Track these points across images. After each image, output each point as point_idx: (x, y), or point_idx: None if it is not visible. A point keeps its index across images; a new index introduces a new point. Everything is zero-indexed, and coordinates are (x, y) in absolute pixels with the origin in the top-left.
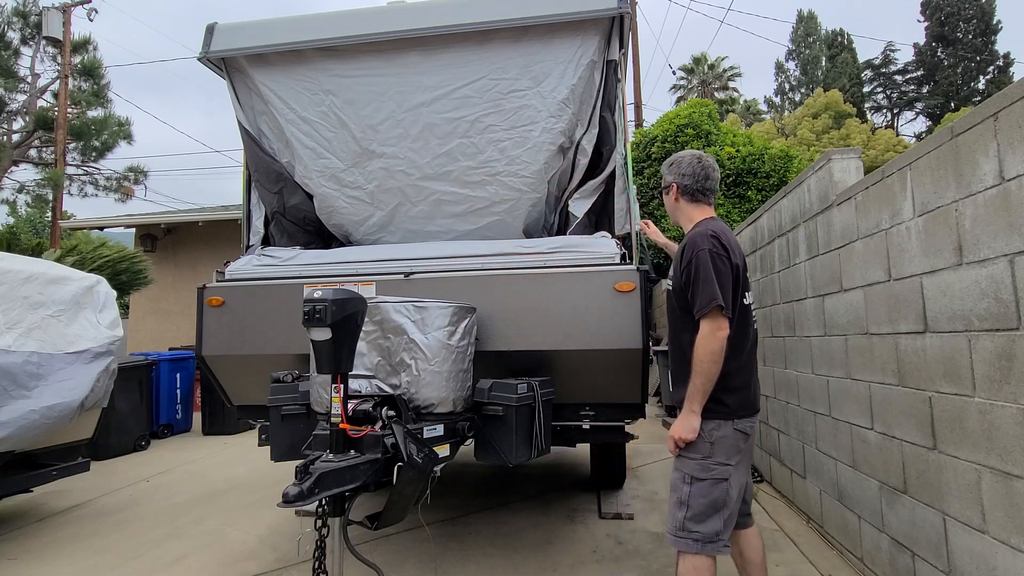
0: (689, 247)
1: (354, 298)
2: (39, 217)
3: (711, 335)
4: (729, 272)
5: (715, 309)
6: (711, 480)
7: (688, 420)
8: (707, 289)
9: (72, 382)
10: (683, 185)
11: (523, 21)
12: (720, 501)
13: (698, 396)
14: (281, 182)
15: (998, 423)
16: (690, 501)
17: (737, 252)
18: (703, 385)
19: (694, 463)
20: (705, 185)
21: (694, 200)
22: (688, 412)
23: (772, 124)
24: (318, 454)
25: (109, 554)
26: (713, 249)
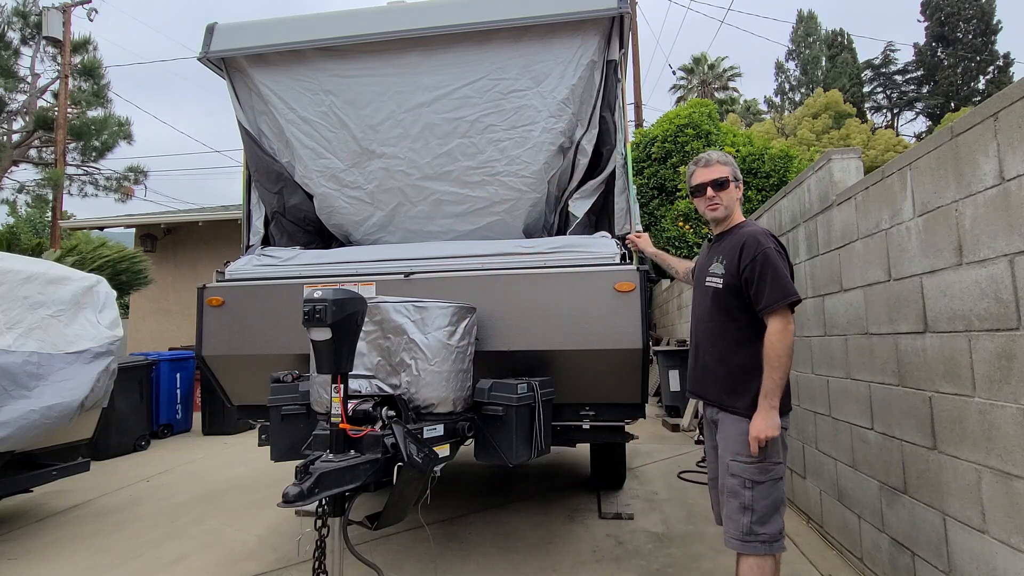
0: (752, 244)
1: (354, 298)
2: (39, 217)
3: (784, 330)
4: (788, 269)
5: (783, 307)
6: (771, 481)
7: (771, 416)
8: (779, 285)
9: (72, 382)
10: (738, 181)
11: (523, 21)
12: (780, 499)
13: (777, 391)
14: (281, 182)
15: (998, 423)
16: (754, 505)
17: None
18: (781, 380)
19: (752, 467)
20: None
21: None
22: (769, 408)
23: (772, 124)
24: (318, 454)
25: (109, 554)
26: (777, 248)
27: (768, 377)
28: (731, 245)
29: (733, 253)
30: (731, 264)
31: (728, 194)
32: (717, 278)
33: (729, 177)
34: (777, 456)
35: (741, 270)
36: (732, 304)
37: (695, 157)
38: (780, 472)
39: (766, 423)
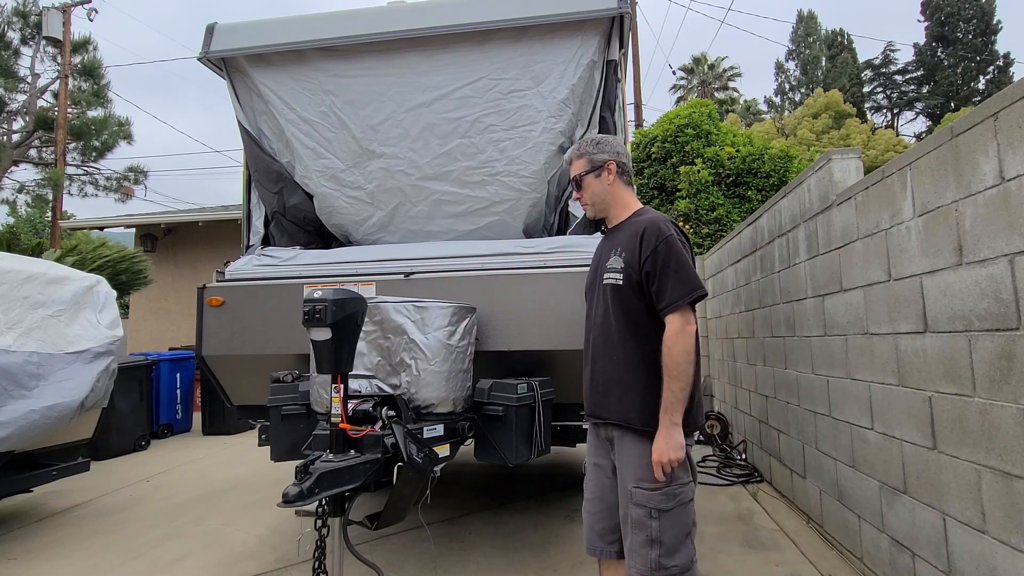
0: (652, 232)
1: (354, 298)
2: (39, 217)
3: (683, 331)
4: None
5: (683, 303)
6: (679, 506)
7: (673, 436)
8: (683, 278)
9: (72, 382)
10: (621, 163)
11: (523, 21)
12: (689, 524)
13: (679, 405)
14: (281, 182)
15: (998, 423)
16: (662, 537)
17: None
18: (683, 391)
19: (658, 494)
20: (632, 167)
21: (629, 183)
22: (671, 426)
23: (772, 124)
24: (318, 454)
25: (109, 554)
26: (679, 236)
27: (667, 389)
28: (629, 234)
29: (633, 244)
30: (631, 256)
31: (591, 188)
32: (617, 273)
33: (583, 172)
34: (684, 477)
35: (642, 262)
36: (635, 305)
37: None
38: (688, 494)
39: (668, 444)
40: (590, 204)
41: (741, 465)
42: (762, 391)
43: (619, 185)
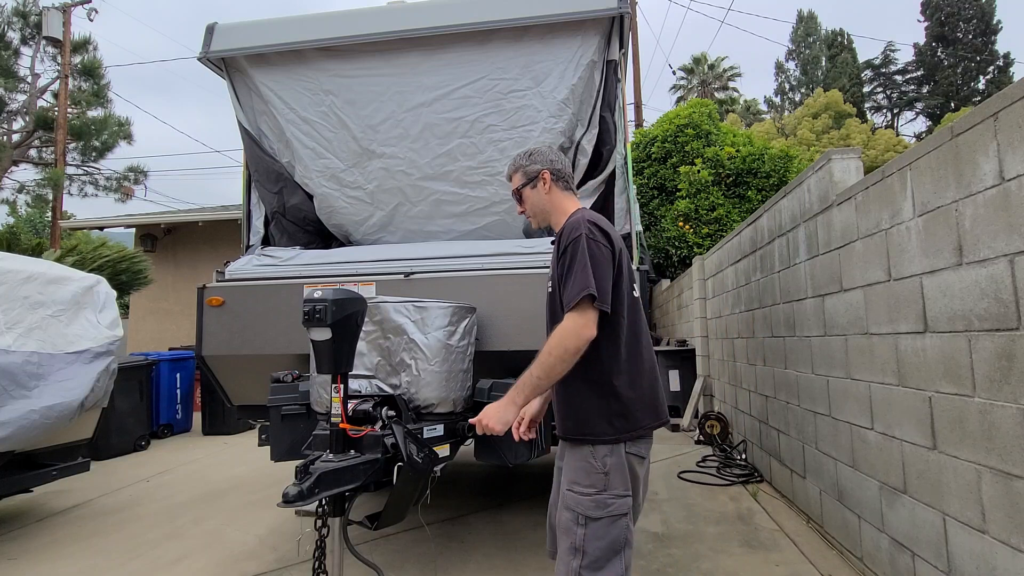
0: (565, 235)
1: (354, 298)
2: (39, 217)
3: (574, 331)
4: (609, 261)
5: (585, 300)
6: (608, 518)
7: (505, 411)
8: (580, 277)
9: (72, 382)
10: (556, 170)
11: (523, 21)
12: (620, 542)
13: (527, 391)
14: (281, 182)
15: (998, 423)
16: (585, 546)
17: (618, 240)
18: (539, 381)
19: (588, 500)
20: (571, 171)
21: (568, 188)
22: (509, 403)
23: (772, 124)
24: (318, 454)
25: (109, 554)
26: (589, 235)
27: (528, 370)
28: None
29: (556, 248)
30: (553, 260)
31: (530, 200)
32: (549, 281)
33: (520, 185)
34: (620, 488)
35: (560, 264)
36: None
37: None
38: (622, 508)
39: (495, 412)
40: (532, 215)
41: (741, 465)
42: (762, 391)
43: (556, 192)
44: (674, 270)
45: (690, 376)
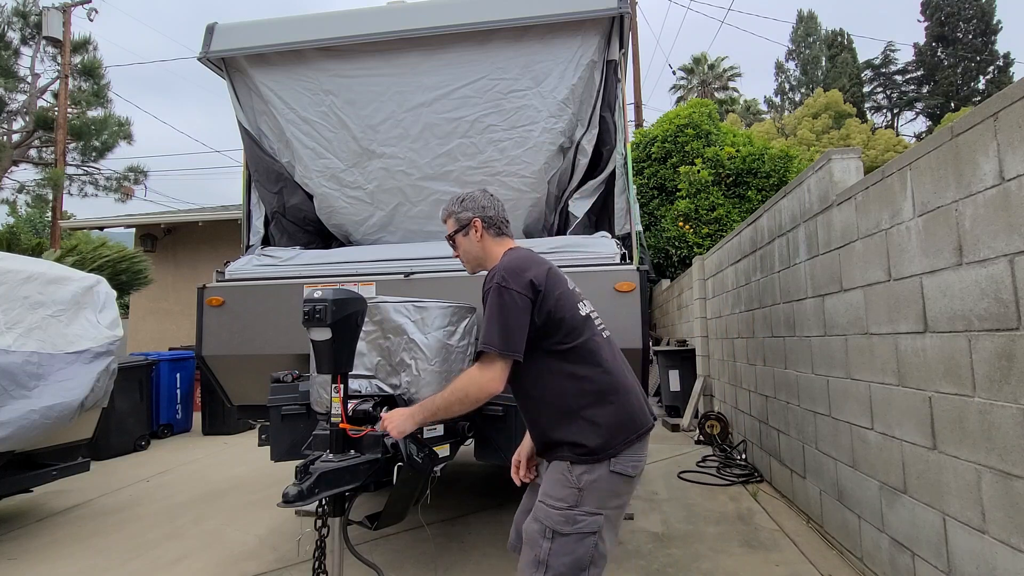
0: (487, 280)
1: (354, 298)
2: (39, 217)
3: (478, 383)
4: (524, 306)
5: (492, 354)
6: (577, 535)
7: (404, 423)
8: (487, 329)
9: (72, 382)
10: (487, 218)
11: (523, 21)
12: (586, 560)
13: (427, 414)
14: (281, 182)
15: (998, 423)
16: (550, 560)
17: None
18: (437, 412)
19: (557, 513)
20: (504, 216)
21: (499, 234)
22: (410, 416)
23: (772, 124)
24: (318, 454)
25: (109, 554)
26: (502, 282)
27: (435, 396)
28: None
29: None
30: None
31: (462, 246)
32: None
33: (452, 231)
34: (591, 506)
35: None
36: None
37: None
38: (591, 526)
39: (399, 422)
40: (465, 261)
41: (741, 465)
42: (762, 391)
43: (487, 239)
44: (674, 270)
45: (690, 376)
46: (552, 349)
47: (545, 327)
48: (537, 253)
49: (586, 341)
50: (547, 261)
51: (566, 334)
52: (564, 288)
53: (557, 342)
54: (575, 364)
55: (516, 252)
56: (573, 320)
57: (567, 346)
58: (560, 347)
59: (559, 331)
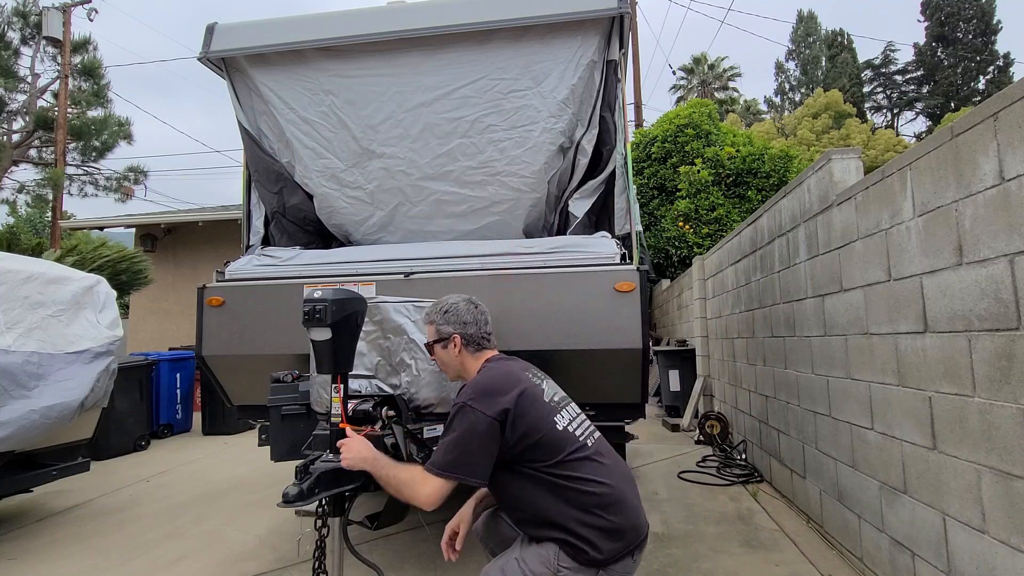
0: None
1: (354, 298)
2: (39, 217)
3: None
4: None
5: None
6: None
7: (360, 461)
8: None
9: (72, 382)
10: (467, 335)
11: (523, 21)
12: None
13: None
14: (281, 182)
15: (998, 423)
16: None
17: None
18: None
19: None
20: (486, 331)
21: (479, 348)
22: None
23: (772, 124)
24: (318, 454)
25: (109, 554)
26: (470, 402)
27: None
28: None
29: None
30: None
31: (440, 357)
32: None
33: (432, 340)
34: None
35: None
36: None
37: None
38: None
39: (355, 457)
40: (444, 370)
41: (741, 465)
42: (762, 391)
43: (465, 355)
44: (674, 270)
45: (690, 376)
46: (532, 468)
47: (521, 449)
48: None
49: (567, 457)
50: (522, 378)
51: (544, 453)
52: (539, 407)
53: (536, 460)
54: (558, 480)
55: (492, 370)
56: (551, 438)
57: (547, 463)
58: (540, 465)
59: (536, 451)
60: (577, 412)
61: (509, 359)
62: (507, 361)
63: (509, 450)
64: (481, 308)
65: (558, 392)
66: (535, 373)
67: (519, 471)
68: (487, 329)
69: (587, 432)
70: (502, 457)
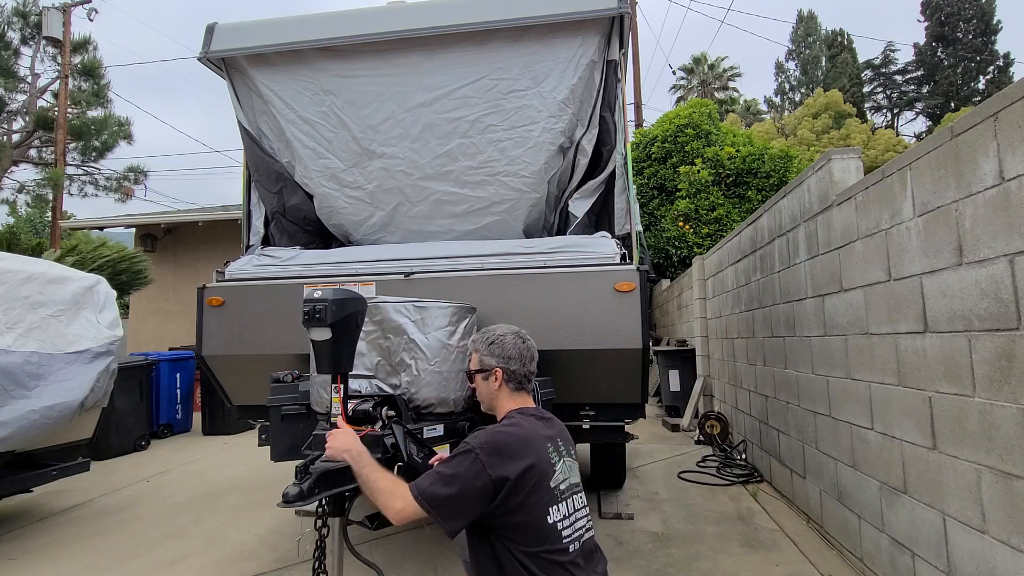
0: (470, 436)
1: (354, 298)
2: (39, 217)
3: (392, 503)
4: (477, 485)
5: (414, 492)
6: None
7: (340, 450)
8: (432, 472)
9: (72, 382)
10: (509, 371)
11: (523, 21)
12: None
13: (361, 467)
14: (281, 182)
15: (998, 423)
16: None
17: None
18: (363, 479)
19: None
20: (529, 370)
21: (518, 388)
22: (351, 453)
23: (772, 124)
24: (318, 454)
25: (109, 554)
26: (478, 451)
27: (375, 469)
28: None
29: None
30: None
31: (480, 387)
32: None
33: (474, 370)
34: None
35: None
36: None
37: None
38: None
39: (342, 443)
40: (479, 399)
41: (741, 465)
42: (762, 391)
43: (504, 392)
44: (674, 270)
45: (690, 376)
46: (506, 542)
47: (503, 522)
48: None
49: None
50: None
51: (523, 537)
52: (540, 490)
53: (512, 540)
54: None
55: (515, 426)
56: (536, 528)
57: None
58: (513, 545)
59: (516, 531)
60: (578, 507)
61: (540, 418)
62: (536, 421)
63: (492, 515)
64: (529, 344)
65: (570, 478)
66: (557, 446)
67: (493, 540)
68: (531, 368)
69: (576, 533)
70: (483, 519)
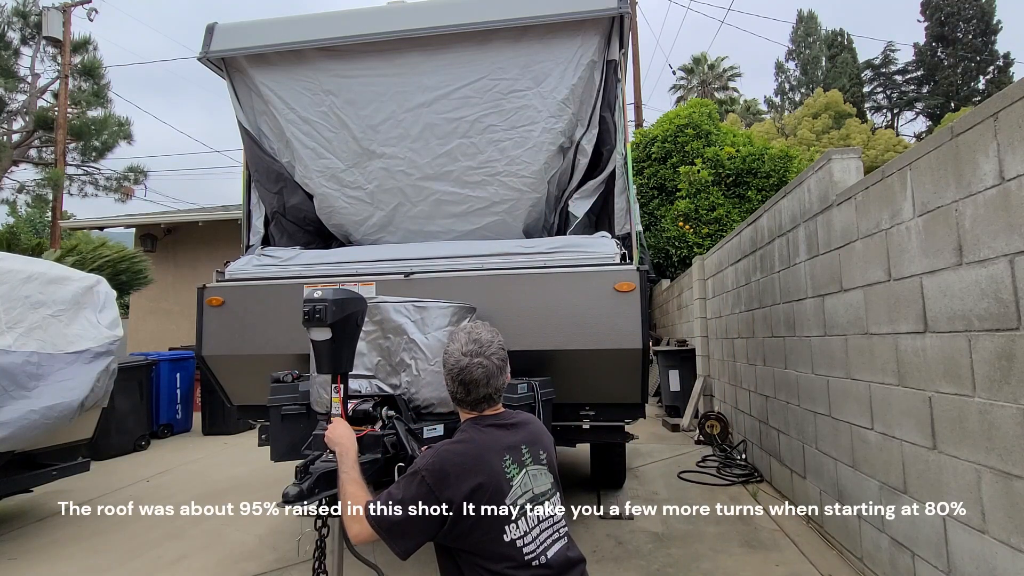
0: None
1: (354, 298)
2: (39, 217)
3: (353, 526)
4: (423, 510)
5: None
6: None
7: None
8: (385, 493)
9: (72, 382)
10: (456, 399)
11: (523, 21)
12: None
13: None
14: (281, 182)
15: (998, 423)
16: None
17: (472, 481)
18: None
19: None
20: (482, 393)
21: (475, 409)
22: (344, 451)
23: (772, 124)
24: (318, 454)
25: (109, 554)
26: (423, 472)
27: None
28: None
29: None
30: None
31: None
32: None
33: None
34: None
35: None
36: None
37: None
38: None
39: (338, 434)
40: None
41: (741, 465)
42: (762, 391)
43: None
44: (674, 270)
45: (690, 376)
46: (476, 560)
47: (461, 541)
48: (492, 444)
49: (503, 570)
50: (489, 467)
51: (482, 552)
52: (496, 506)
53: (477, 555)
54: None
55: (464, 443)
56: (492, 548)
57: (489, 568)
58: (478, 559)
59: (476, 548)
60: (543, 518)
61: (502, 425)
62: (496, 431)
63: (446, 536)
64: (487, 364)
65: (535, 487)
66: (520, 455)
67: (455, 555)
68: (483, 392)
69: (540, 548)
70: (439, 539)
